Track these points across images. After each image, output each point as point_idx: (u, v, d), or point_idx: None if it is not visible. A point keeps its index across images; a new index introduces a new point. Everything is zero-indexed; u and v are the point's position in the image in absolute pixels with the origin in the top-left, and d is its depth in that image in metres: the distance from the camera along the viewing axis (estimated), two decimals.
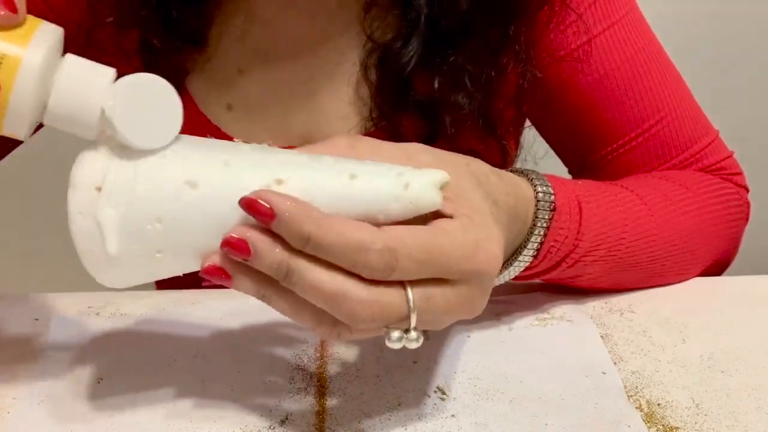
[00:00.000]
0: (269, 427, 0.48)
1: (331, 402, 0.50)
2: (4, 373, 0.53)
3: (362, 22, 0.64)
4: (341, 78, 0.66)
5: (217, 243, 0.40)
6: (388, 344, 0.42)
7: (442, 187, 0.41)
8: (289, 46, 0.66)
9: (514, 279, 0.54)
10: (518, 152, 0.72)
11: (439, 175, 0.41)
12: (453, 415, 0.49)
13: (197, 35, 0.65)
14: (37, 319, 0.58)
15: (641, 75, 0.66)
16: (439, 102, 0.63)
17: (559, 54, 0.65)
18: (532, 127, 0.72)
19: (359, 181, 0.41)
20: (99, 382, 0.52)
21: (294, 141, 0.66)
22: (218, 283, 0.41)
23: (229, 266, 0.41)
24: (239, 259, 0.40)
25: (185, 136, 0.43)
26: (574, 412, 0.50)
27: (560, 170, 0.73)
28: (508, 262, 0.52)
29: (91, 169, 0.41)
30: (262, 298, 0.42)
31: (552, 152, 0.73)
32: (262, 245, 0.39)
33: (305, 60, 0.66)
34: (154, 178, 0.40)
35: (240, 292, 0.42)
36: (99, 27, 0.64)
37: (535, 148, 0.72)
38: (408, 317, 0.41)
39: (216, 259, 0.41)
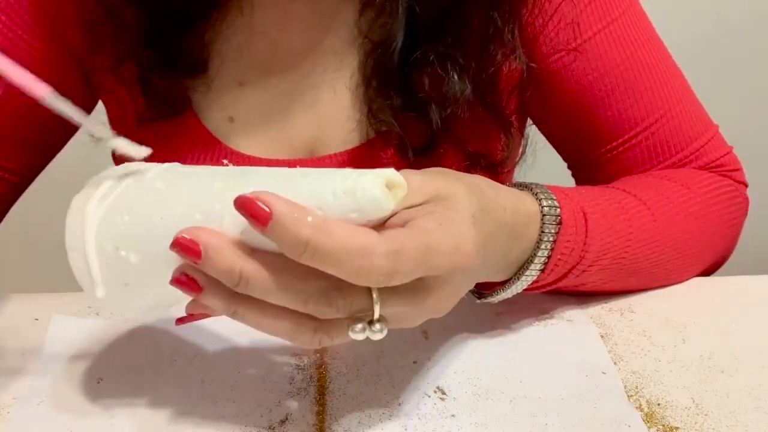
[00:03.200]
0: (269, 427, 0.48)
1: (331, 402, 0.50)
2: (4, 373, 0.53)
3: (359, 25, 0.64)
4: (342, 84, 0.65)
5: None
6: (351, 335, 0.41)
7: (392, 187, 0.39)
8: (288, 56, 0.65)
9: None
10: (523, 148, 0.70)
11: (384, 173, 0.39)
12: (453, 415, 0.49)
13: (197, 64, 0.65)
14: (37, 319, 0.58)
15: (641, 72, 0.66)
16: (432, 98, 0.62)
17: (558, 51, 0.65)
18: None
19: (305, 179, 0.40)
20: (99, 382, 0.52)
21: (297, 151, 0.66)
22: (188, 294, 0.41)
23: (198, 277, 0.40)
24: (191, 262, 0.39)
25: (164, 170, 0.44)
26: (574, 412, 0.50)
27: (558, 162, 0.73)
28: (515, 276, 0.52)
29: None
30: (234, 315, 0.41)
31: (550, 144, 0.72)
32: (212, 247, 0.38)
33: (306, 69, 0.65)
34: (130, 205, 0.43)
35: None
36: (98, 69, 0.65)
37: (534, 140, 0.72)
38: (372, 308, 0.40)
39: (186, 269, 0.40)
